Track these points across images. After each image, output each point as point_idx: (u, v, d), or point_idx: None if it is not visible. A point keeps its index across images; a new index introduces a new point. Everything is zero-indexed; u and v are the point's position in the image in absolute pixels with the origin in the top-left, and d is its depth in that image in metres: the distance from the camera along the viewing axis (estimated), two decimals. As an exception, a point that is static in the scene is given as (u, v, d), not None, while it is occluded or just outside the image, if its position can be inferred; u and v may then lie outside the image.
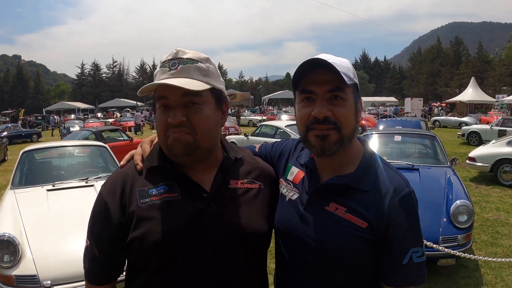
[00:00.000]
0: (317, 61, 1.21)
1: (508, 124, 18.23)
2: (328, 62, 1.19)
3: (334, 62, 1.20)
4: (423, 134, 7.90)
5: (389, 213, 1.22)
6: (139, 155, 1.39)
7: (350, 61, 1.30)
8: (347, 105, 1.24)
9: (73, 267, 3.41)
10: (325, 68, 1.20)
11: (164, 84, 1.21)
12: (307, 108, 1.24)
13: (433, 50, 73.59)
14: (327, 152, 1.25)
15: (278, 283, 1.42)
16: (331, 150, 1.24)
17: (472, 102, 39.64)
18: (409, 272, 1.22)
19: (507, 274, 4.72)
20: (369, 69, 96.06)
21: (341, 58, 1.27)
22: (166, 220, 1.23)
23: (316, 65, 1.21)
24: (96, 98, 75.34)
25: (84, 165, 5.98)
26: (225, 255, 1.25)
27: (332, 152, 1.25)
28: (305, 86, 1.25)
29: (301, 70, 1.23)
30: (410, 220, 1.24)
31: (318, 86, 1.22)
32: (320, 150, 1.24)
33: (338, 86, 1.21)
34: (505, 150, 9.88)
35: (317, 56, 1.23)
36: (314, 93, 1.23)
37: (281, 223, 1.35)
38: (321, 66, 1.21)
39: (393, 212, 1.22)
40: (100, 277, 1.31)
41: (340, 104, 1.22)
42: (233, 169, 1.38)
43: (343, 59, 1.27)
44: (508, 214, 7.27)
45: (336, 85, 1.21)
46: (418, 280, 1.23)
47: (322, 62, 1.20)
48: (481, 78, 50.52)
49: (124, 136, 13.66)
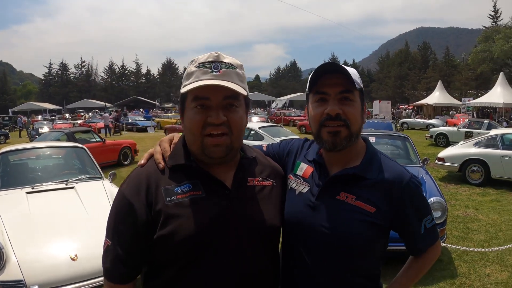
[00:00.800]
0: (332, 66, 1.38)
1: (474, 126, 18.98)
2: (342, 66, 1.36)
3: (346, 68, 1.37)
4: (396, 136, 8.16)
5: (397, 200, 1.39)
6: (160, 154, 1.43)
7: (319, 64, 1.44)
8: (355, 105, 1.41)
9: (60, 270, 3.37)
10: (338, 73, 1.37)
11: (216, 85, 1.28)
12: (321, 107, 1.40)
13: (401, 54, 75.03)
14: (338, 147, 1.41)
15: (286, 273, 1.50)
16: (342, 145, 1.40)
17: (439, 104, 40.93)
18: (427, 238, 1.47)
19: (479, 266, 4.98)
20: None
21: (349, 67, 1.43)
22: (194, 217, 1.28)
23: (330, 69, 1.38)
24: (64, 99, 73.30)
25: (62, 167, 5.84)
26: (248, 248, 1.34)
27: (342, 146, 1.41)
28: (319, 88, 1.41)
29: (318, 72, 1.39)
30: (416, 201, 1.44)
31: (331, 88, 1.39)
32: (332, 144, 1.40)
33: (348, 89, 1.39)
34: (473, 151, 10.33)
35: (328, 62, 1.40)
36: (327, 94, 1.39)
37: (292, 215, 1.46)
38: (335, 71, 1.38)
39: (400, 198, 1.40)
40: (124, 276, 1.34)
41: (349, 104, 1.39)
42: (249, 167, 1.47)
43: (351, 68, 1.43)
44: (477, 211, 7.63)
45: (347, 87, 1.39)
46: (434, 240, 1.50)
47: (336, 67, 1.37)
48: (447, 81, 52.05)
49: (96, 137, 13.40)
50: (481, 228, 6.58)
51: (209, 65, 1.32)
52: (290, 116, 38.35)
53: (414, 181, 1.44)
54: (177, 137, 1.53)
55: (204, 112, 1.31)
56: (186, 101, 1.36)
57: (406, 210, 1.41)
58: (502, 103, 29.32)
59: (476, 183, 10.00)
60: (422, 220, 1.44)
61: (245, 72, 1.43)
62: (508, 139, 10.37)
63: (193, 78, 1.33)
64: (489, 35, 42.16)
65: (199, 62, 1.34)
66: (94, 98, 75.82)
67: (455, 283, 4.53)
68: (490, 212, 7.55)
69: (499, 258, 5.24)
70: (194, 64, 1.35)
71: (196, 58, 1.38)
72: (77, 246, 3.64)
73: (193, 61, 1.38)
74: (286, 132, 14.35)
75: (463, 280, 4.59)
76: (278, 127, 15.60)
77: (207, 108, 1.31)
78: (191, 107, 1.33)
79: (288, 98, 62.47)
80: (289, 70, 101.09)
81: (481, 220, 7.05)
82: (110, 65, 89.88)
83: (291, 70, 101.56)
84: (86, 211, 4.32)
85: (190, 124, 1.33)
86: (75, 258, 3.51)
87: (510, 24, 42.35)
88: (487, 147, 10.20)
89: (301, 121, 32.49)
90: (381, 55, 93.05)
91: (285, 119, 35.95)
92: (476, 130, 17.83)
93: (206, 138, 1.31)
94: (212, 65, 1.32)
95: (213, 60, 1.33)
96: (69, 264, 3.45)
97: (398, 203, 1.39)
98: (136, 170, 1.44)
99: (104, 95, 76.08)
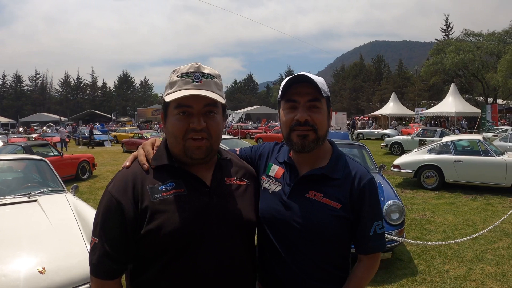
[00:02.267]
0: (302, 77, 1.53)
1: (427, 135, 19.91)
2: (310, 78, 1.52)
3: (313, 79, 1.53)
4: (353, 144, 8.47)
5: (357, 195, 1.55)
6: (144, 156, 1.54)
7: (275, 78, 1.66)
8: (322, 112, 1.58)
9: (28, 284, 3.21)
10: (307, 82, 1.53)
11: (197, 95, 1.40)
12: (291, 114, 1.57)
13: (356, 67, 77.32)
14: (306, 149, 1.57)
15: (262, 262, 1.65)
16: (310, 147, 1.57)
17: (393, 115, 42.56)
18: (374, 242, 1.59)
19: (438, 263, 5.28)
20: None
21: (316, 76, 1.59)
22: (178, 212, 1.39)
23: (301, 79, 1.54)
24: (17, 112, 70.29)
25: (23, 180, 5.65)
26: (228, 240, 1.46)
27: (310, 148, 1.57)
28: (290, 96, 1.57)
29: (289, 82, 1.55)
30: (372, 200, 1.60)
31: (300, 96, 1.55)
32: (301, 146, 1.57)
33: (316, 97, 1.55)
34: (427, 157, 10.85)
35: (299, 74, 1.55)
36: (297, 102, 1.55)
37: (267, 212, 1.61)
38: (304, 81, 1.54)
39: (360, 194, 1.56)
40: (110, 271, 1.41)
41: (317, 111, 1.56)
42: (226, 168, 1.60)
43: (318, 77, 1.59)
44: (433, 213, 8.03)
45: (315, 96, 1.55)
46: (381, 247, 1.62)
47: (306, 78, 1.53)
48: (401, 93, 54.21)
49: (54, 151, 13.01)
50: (437, 229, 6.94)
51: (191, 76, 1.45)
52: (247, 129, 38.66)
53: (374, 182, 1.62)
54: (158, 141, 1.64)
55: (186, 118, 1.43)
56: (169, 108, 1.47)
57: (364, 206, 1.56)
58: (454, 112, 30.94)
59: (431, 188, 10.51)
60: (373, 222, 1.57)
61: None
62: (460, 145, 11.01)
63: (176, 87, 1.45)
64: (440, 47, 44.28)
65: (181, 73, 1.47)
66: (49, 111, 73.35)
67: (416, 279, 4.78)
68: (445, 214, 7.97)
69: (457, 255, 5.58)
70: (177, 74, 1.48)
71: (178, 68, 1.50)
72: (44, 259, 3.54)
73: (175, 71, 1.50)
74: (244, 144, 14.41)
75: (424, 277, 4.84)
76: (237, 139, 15.70)
77: (189, 115, 1.43)
78: (173, 114, 1.45)
79: (245, 111, 62.82)
80: (245, 83, 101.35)
81: (437, 221, 7.43)
82: (65, 77, 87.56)
83: (248, 83, 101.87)
84: (51, 223, 4.21)
85: (174, 129, 1.45)
86: (43, 271, 3.41)
87: (461, 37, 44.72)
88: (440, 153, 10.75)
89: (258, 133, 32.89)
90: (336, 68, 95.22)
91: (242, 132, 36.11)
92: (430, 138, 18.73)
93: (189, 141, 1.43)
94: (193, 75, 1.45)
95: (194, 71, 1.46)
96: (37, 277, 3.35)
97: (358, 198, 1.55)
98: (121, 171, 1.52)
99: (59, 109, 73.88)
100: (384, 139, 23.86)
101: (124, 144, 25.03)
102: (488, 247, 5.89)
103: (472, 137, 12.02)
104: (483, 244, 6.01)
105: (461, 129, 29.64)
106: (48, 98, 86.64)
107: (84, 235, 4.05)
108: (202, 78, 1.45)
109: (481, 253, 5.61)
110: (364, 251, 1.61)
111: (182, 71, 1.47)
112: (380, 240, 1.60)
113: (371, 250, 1.60)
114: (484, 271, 5.00)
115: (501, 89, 37.52)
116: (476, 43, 41.86)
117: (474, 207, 8.57)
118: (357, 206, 1.55)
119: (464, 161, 10.21)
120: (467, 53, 39.12)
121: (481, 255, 5.55)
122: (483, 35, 42.44)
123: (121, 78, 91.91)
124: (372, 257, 1.62)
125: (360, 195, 1.55)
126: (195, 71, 1.46)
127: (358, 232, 1.58)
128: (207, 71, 1.48)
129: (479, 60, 39.38)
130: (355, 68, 77.12)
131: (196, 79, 1.44)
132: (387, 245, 4.76)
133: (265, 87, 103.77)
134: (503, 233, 6.50)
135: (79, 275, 3.47)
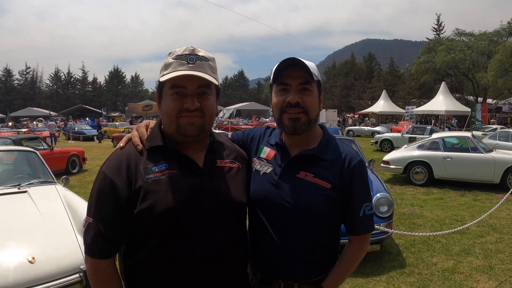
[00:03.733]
0: (293, 60, 1.56)
1: (417, 132, 20.06)
2: (301, 61, 1.56)
3: (305, 62, 1.56)
4: (343, 139, 8.50)
5: (347, 176, 1.59)
6: (138, 137, 1.56)
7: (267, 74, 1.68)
8: (313, 95, 1.61)
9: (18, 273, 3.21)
10: (298, 66, 1.56)
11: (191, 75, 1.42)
12: (283, 96, 1.59)
13: (347, 65, 77.48)
14: (298, 131, 1.60)
15: (253, 244, 1.67)
16: (301, 129, 1.59)
17: (383, 113, 42.78)
18: (364, 223, 1.62)
19: (426, 256, 5.35)
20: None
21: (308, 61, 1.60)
22: (171, 192, 1.41)
23: (292, 63, 1.56)
24: (7, 107, 69.36)
25: (13, 171, 5.62)
26: (220, 219, 1.48)
27: (302, 130, 1.60)
28: (282, 79, 1.59)
29: (281, 66, 1.57)
30: (362, 181, 1.63)
31: (292, 79, 1.58)
32: (293, 128, 1.59)
33: (307, 80, 1.58)
34: (416, 153, 10.96)
35: (292, 57, 1.57)
36: (289, 85, 1.59)
37: (258, 193, 1.63)
38: (295, 64, 1.56)
39: (350, 175, 1.59)
40: (104, 250, 1.43)
41: (308, 94, 1.59)
42: (218, 150, 1.62)
43: (309, 62, 1.61)
44: (421, 208, 8.12)
45: (306, 79, 1.58)
46: (370, 228, 1.65)
47: (297, 61, 1.56)
48: (392, 91, 54.40)
49: (44, 145, 12.89)
50: (426, 223, 7.03)
51: (185, 58, 1.47)
52: (238, 125, 38.40)
53: (363, 164, 1.65)
54: (152, 123, 1.65)
55: (180, 98, 1.45)
56: (163, 88, 1.50)
57: (353, 188, 1.59)
58: (444, 111, 31.18)
59: (420, 184, 10.63)
60: (363, 203, 1.61)
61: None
62: (450, 142, 11.12)
63: (171, 68, 1.47)
64: (432, 47, 44.46)
65: (176, 55, 1.48)
66: (39, 106, 72.29)
67: (405, 272, 4.84)
68: (434, 209, 8.06)
69: (445, 248, 5.66)
70: (172, 56, 1.49)
71: (173, 51, 1.52)
72: (34, 249, 3.53)
73: (170, 53, 1.51)
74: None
75: (412, 269, 4.91)
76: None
77: (183, 96, 1.45)
78: (168, 94, 1.47)
79: (235, 107, 62.66)
80: (236, 80, 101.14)
81: (426, 216, 7.52)
82: (55, 72, 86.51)
83: (239, 79, 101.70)
84: (41, 214, 4.20)
85: (168, 109, 1.47)
86: (32, 260, 3.40)
87: (452, 37, 44.98)
88: (429, 150, 10.86)
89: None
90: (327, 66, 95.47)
91: (233, 127, 36.01)
92: (420, 136, 18.82)
93: (182, 119, 1.45)
94: (188, 57, 1.47)
95: (189, 53, 1.48)
96: (27, 267, 3.35)
97: (348, 179, 1.58)
98: (115, 152, 1.54)
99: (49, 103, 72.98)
100: (374, 136, 24.02)
101: (115, 139, 24.83)
102: (476, 241, 5.98)
103: (461, 134, 12.17)
104: (471, 238, 6.10)
105: (451, 128, 29.89)
106: (38, 92, 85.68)
107: (75, 226, 4.05)
108: (197, 60, 1.47)
109: (469, 247, 5.70)
110: (354, 232, 1.64)
111: (177, 53, 1.48)
112: (370, 221, 1.64)
113: (361, 231, 1.63)
114: (472, 264, 5.08)
115: (491, 88, 37.90)
116: (467, 43, 42.12)
117: (463, 202, 8.69)
118: (346, 187, 1.58)
119: (453, 158, 10.33)
120: (458, 52, 39.37)
121: (469, 248, 5.64)
122: (475, 35, 42.74)
123: (112, 73, 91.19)
124: (362, 238, 1.66)
125: (350, 176, 1.58)
126: (190, 53, 1.48)
127: (348, 213, 1.61)
128: (202, 53, 1.50)
129: (469, 59, 39.64)
130: (346, 66, 77.27)
131: (190, 61, 1.46)
132: (376, 237, 4.82)
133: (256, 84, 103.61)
134: (490, 228, 6.60)
135: (69, 265, 3.48)
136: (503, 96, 40.08)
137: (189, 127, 1.46)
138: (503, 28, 39.74)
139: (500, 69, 33.46)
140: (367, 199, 1.63)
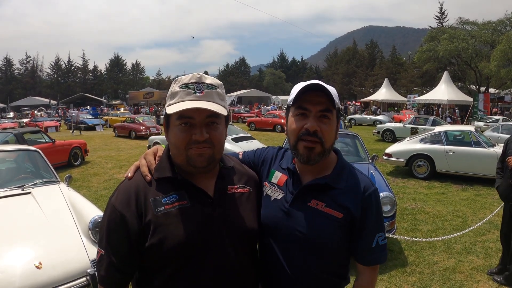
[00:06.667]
0: (316, 85, 1.50)
1: (419, 122, 20.01)
2: (325, 87, 1.50)
3: (327, 88, 1.51)
4: (346, 134, 8.42)
5: (360, 206, 1.55)
6: (146, 166, 1.53)
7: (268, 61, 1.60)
8: (332, 124, 1.56)
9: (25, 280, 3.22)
10: (320, 91, 1.50)
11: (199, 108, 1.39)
12: (301, 122, 1.54)
13: (349, 52, 76.59)
14: (311, 161, 1.55)
15: (264, 270, 1.65)
16: (315, 160, 1.55)
17: (385, 101, 42.60)
18: (377, 253, 1.58)
19: (428, 254, 5.40)
20: (286, 68, 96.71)
21: (329, 86, 1.55)
22: (182, 225, 1.40)
23: (315, 87, 1.51)
24: (8, 96, 68.99)
25: (17, 172, 5.61)
26: (230, 249, 1.47)
27: (315, 161, 1.56)
28: (302, 103, 1.53)
29: (303, 89, 1.52)
30: (376, 212, 1.59)
31: (313, 105, 1.52)
32: (306, 159, 1.55)
33: (328, 108, 1.53)
34: (418, 147, 10.95)
35: (313, 81, 1.53)
36: (309, 110, 1.52)
37: (268, 219, 1.60)
38: (318, 89, 1.51)
39: (363, 205, 1.55)
40: (118, 282, 1.45)
41: (327, 122, 1.54)
42: (228, 176, 1.59)
43: (331, 87, 1.56)
44: (423, 203, 8.15)
45: (327, 107, 1.52)
46: (382, 259, 1.61)
47: (320, 87, 1.50)
48: (394, 79, 54.01)
49: (46, 138, 12.90)
50: (428, 219, 7.06)
51: (192, 86, 1.44)
52: (239, 113, 38.17)
53: (377, 193, 1.61)
54: (160, 150, 1.63)
55: (189, 129, 1.42)
56: (171, 118, 1.47)
57: (367, 218, 1.55)
58: (446, 100, 30.99)
59: (422, 177, 10.65)
60: (376, 233, 1.57)
61: (194, 68, 1.53)
62: (452, 135, 11.10)
63: (178, 98, 1.44)
64: (434, 35, 43.97)
65: (183, 83, 1.46)
66: (40, 95, 71.98)
67: (406, 271, 4.88)
68: (436, 204, 8.09)
69: (446, 246, 5.69)
70: (178, 84, 1.46)
71: (179, 78, 1.49)
72: (40, 254, 3.53)
73: (176, 81, 1.48)
74: (236, 130, 14.17)
75: (414, 268, 4.95)
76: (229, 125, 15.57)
77: (191, 126, 1.42)
78: (176, 124, 1.44)
79: (237, 94, 62.37)
80: (238, 67, 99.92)
81: (427, 211, 7.55)
82: (56, 60, 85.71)
83: (240, 66, 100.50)
84: (46, 216, 4.20)
85: (176, 140, 1.45)
86: (39, 266, 3.41)
87: (455, 25, 44.49)
88: (432, 143, 10.86)
89: (250, 117, 32.54)
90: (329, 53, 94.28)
91: (234, 116, 35.80)
92: (422, 126, 18.85)
93: (191, 150, 1.43)
94: (195, 86, 1.44)
95: (195, 82, 1.45)
96: (35, 273, 3.35)
97: (362, 209, 1.54)
98: (124, 182, 1.52)
99: (50, 92, 72.66)
100: (376, 126, 23.96)
101: (116, 129, 24.83)
102: (477, 239, 6.02)
103: (464, 128, 12.13)
104: (472, 236, 6.12)
105: (452, 117, 29.80)
106: (39, 81, 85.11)
107: (79, 228, 4.06)
108: (204, 88, 1.44)
109: (470, 245, 5.74)
110: (365, 262, 1.60)
111: (184, 81, 1.46)
112: (382, 252, 1.60)
113: (373, 262, 1.60)
114: (473, 263, 5.12)
115: (494, 78, 37.61)
116: (470, 32, 41.67)
117: (464, 197, 8.71)
118: (360, 217, 1.54)
119: (455, 152, 10.33)
120: (461, 41, 39.00)
121: (470, 247, 5.68)
122: (478, 24, 42.21)
123: (113, 61, 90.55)
124: (374, 269, 1.63)
125: (363, 206, 1.54)
126: (197, 82, 1.45)
127: (360, 243, 1.58)
128: (209, 81, 1.47)
129: (472, 48, 39.31)
130: (348, 53, 76.44)
131: (197, 90, 1.43)
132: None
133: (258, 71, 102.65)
134: (492, 226, 6.61)
135: (76, 269, 3.49)
136: (506, 86, 39.73)
137: (198, 159, 1.43)
138: (507, 18, 39.27)
139: (503, 59, 33.21)
140: (381, 229, 1.59)
